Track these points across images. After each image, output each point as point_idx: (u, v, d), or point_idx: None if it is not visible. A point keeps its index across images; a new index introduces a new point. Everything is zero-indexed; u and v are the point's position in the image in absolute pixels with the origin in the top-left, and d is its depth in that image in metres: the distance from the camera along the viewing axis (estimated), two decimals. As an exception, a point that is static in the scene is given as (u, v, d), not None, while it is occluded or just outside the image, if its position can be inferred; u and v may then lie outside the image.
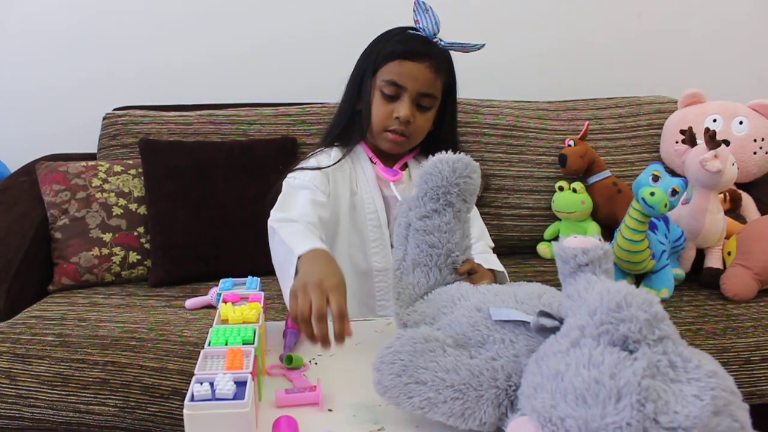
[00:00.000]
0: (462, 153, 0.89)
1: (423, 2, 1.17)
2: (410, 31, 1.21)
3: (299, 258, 0.95)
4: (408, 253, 0.88)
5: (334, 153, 1.25)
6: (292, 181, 1.21)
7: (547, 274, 1.73)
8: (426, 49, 1.18)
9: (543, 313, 0.66)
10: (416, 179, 0.90)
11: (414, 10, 1.18)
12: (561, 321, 0.64)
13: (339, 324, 0.80)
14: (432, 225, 0.87)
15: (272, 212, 1.12)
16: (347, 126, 1.26)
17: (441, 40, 1.20)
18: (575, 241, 0.68)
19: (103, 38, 2.10)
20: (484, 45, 1.19)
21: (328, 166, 1.22)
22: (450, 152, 0.89)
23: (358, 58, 1.26)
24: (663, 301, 1.55)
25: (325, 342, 0.80)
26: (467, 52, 1.20)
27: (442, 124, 1.25)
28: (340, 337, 0.80)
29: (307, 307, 0.81)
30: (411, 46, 1.18)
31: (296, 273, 0.95)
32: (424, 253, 0.87)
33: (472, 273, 0.93)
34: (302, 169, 1.22)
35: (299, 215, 1.10)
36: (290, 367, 0.88)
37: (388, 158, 1.26)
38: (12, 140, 2.10)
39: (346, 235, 1.24)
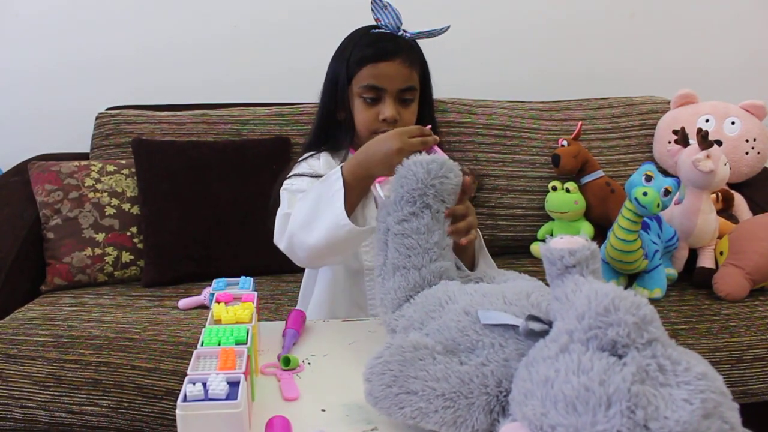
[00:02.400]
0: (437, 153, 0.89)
1: (378, 0, 1.16)
2: (374, 31, 1.20)
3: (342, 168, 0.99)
4: (388, 258, 0.88)
5: (323, 158, 1.25)
6: (290, 186, 1.20)
7: (541, 274, 1.68)
8: (394, 46, 1.17)
9: (532, 317, 0.66)
10: (393, 183, 0.89)
11: (372, 10, 1.17)
12: (550, 324, 0.63)
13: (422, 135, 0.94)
14: (410, 228, 0.86)
15: (281, 212, 1.12)
16: (332, 133, 1.25)
17: (406, 32, 1.19)
18: (561, 242, 0.67)
19: (95, 37, 2.09)
20: (449, 27, 1.18)
21: (322, 175, 1.21)
22: (423, 153, 0.88)
23: (329, 65, 1.24)
24: (655, 300, 1.56)
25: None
26: (434, 37, 1.19)
27: (422, 112, 1.25)
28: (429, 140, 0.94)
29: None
30: (379, 47, 1.17)
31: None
32: (403, 256, 0.86)
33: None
34: (298, 175, 1.21)
35: None
36: (287, 368, 0.88)
37: None
38: (4, 140, 2.09)
39: None
